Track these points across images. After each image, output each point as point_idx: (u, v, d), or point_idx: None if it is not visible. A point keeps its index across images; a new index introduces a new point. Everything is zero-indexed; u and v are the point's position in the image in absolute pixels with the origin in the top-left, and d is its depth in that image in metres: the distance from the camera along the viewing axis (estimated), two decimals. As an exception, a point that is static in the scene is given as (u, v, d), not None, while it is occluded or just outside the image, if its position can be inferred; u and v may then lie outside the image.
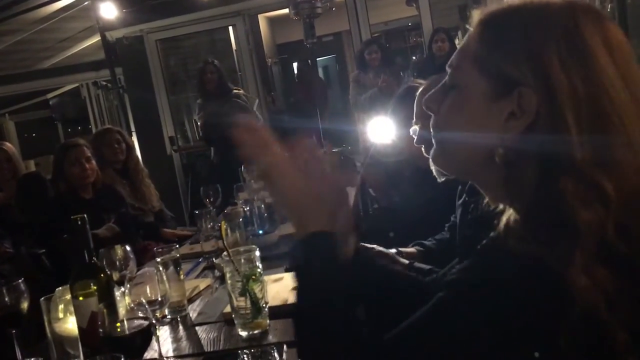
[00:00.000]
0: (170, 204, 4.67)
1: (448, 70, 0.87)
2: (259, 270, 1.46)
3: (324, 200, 0.87)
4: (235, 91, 5.49)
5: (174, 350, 1.48)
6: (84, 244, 1.26)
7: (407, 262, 1.76)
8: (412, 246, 1.98)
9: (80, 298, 1.29)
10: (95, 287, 1.28)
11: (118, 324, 1.15)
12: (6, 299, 1.50)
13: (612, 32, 0.79)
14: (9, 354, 1.54)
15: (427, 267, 1.67)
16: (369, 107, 5.18)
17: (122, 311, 1.42)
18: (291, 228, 2.66)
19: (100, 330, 1.10)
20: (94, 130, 7.59)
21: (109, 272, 1.71)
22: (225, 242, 1.40)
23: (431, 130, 0.89)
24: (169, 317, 1.68)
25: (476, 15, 0.85)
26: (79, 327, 1.27)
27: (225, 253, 1.43)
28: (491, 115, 0.79)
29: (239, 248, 1.52)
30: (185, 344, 1.51)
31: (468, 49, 0.84)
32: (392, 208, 3.18)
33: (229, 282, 1.47)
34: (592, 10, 0.81)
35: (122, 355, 0.91)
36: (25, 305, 1.52)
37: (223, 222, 1.44)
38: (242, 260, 1.45)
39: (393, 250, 1.84)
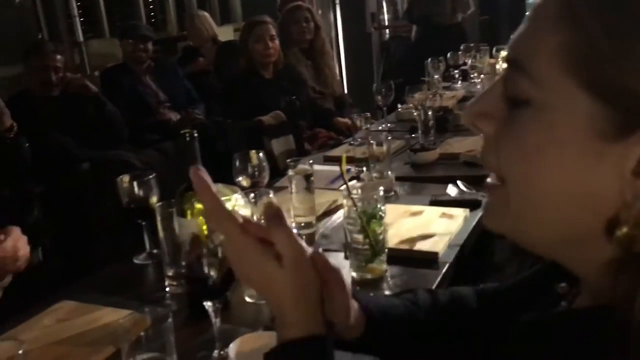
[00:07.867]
0: (360, 85, 4.54)
1: (508, 64, 0.51)
2: (380, 213, 1.29)
3: (307, 293, 0.60)
4: None
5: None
6: (192, 160, 1.19)
7: None
8: None
9: (189, 215, 1.24)
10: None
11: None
12: (138, 192, 1.55)
13: None
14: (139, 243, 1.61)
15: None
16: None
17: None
18: (454, 147, 2.37)
19: (183, 262, 1.04)
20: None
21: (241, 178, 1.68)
22: (344, 176, 1.24)
23: (488, 170, 0.54)
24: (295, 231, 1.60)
25: None
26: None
27: (345, 186, 1.27)
28: (606, 162, 0.46)
29: (369, 182, 1.34)
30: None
31: (548, 33, 0.47)
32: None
33: (345, 216, 1.32)
34: None
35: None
36: (154, 199, 1.55)
37: (344, 156, 1.26)
38: (364, 201, 1.28)
39: None
